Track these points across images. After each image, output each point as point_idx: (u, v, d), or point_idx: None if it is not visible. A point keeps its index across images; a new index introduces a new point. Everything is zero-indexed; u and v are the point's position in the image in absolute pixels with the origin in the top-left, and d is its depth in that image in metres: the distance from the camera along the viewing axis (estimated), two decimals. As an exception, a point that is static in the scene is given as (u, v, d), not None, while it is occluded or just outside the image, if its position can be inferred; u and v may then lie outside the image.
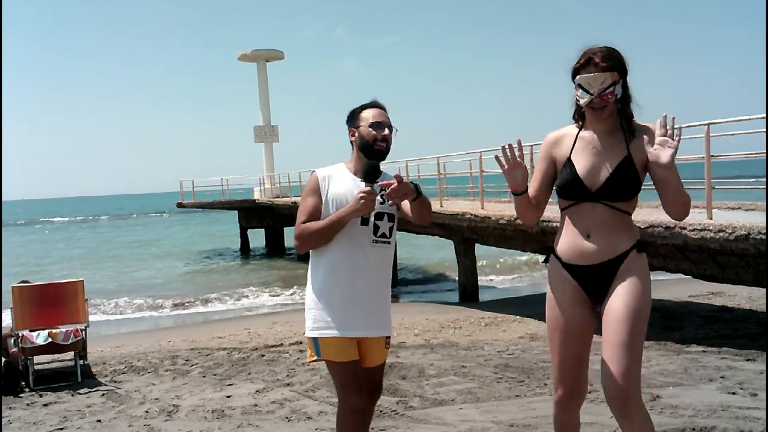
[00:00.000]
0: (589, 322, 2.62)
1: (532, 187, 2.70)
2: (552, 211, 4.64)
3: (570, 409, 2.70)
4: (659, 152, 2.37)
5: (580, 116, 2.63)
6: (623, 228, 2.54)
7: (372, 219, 2.87)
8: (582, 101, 2.51)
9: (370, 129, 2.93)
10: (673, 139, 2.36)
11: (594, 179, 2.52)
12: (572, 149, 2.59)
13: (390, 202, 2.83)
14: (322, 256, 2.90)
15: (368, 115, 2.96)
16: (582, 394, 2.69)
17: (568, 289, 2.62)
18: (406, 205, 2.93)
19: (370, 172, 2.84)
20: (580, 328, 2.61)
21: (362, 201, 2.75)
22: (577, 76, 2.51)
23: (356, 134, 2.96)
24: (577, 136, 2.61)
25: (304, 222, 2.86)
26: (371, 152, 2.93)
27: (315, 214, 2.87)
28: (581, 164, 2.54)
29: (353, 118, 3.00)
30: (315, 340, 2.88)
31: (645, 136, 2.45)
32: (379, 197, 2.82)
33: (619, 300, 2.48)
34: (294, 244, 2.89)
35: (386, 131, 2.93)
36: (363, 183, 2.83)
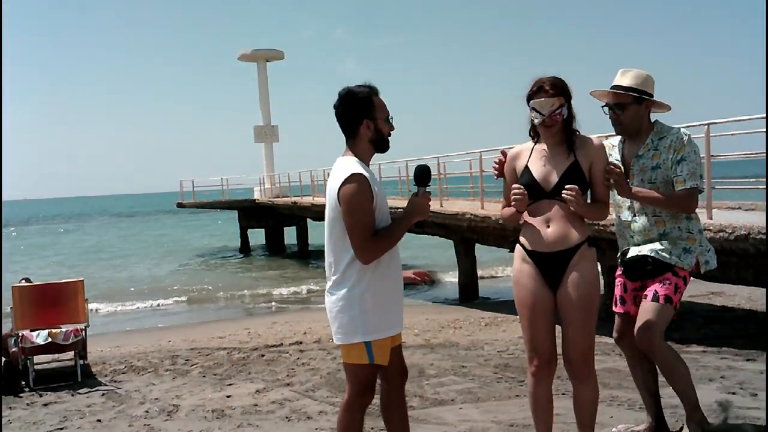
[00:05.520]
0: (551, 299, 3.09)
1: (507, 194, 3.23)
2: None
3: (546, 378, 3.14)
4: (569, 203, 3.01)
5: (534, 132, 3.18)
6: (576, 222, 3.06)
7: None
8: (536, 121, 3.08)
9: (387, 124, 2.85)
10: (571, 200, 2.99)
11: (548, 181, 3.07)
12: (529, 159, 3.16)
13: None
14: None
15: (381, 106, 2.84)
16: (555, 361, 3.15)
17: (533, 272, 3.10)
18: None
19: (425, 176, 2.86)
20: (545, 304, 3.09)
21: (428, 204, 2.83)
22: (531, 101, 3.06)
23: (372, 127, 2.81)
24: (533, 148, 3.18)
25: (371, 235, 2.71)
26: (384, 147, 2.89)
27: (374, 223, 2.74)
28: (536, 170, 3.10)
29: (367, 107, 2.80)
30: (369, 344, 2.79)
31: (589, 147, 3.09)
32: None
33: (575, 288, 3.01)
34: (364, 258, 2.72)
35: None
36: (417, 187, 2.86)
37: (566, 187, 2.98)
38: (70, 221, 72.02)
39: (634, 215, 3.50)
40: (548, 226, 3.06)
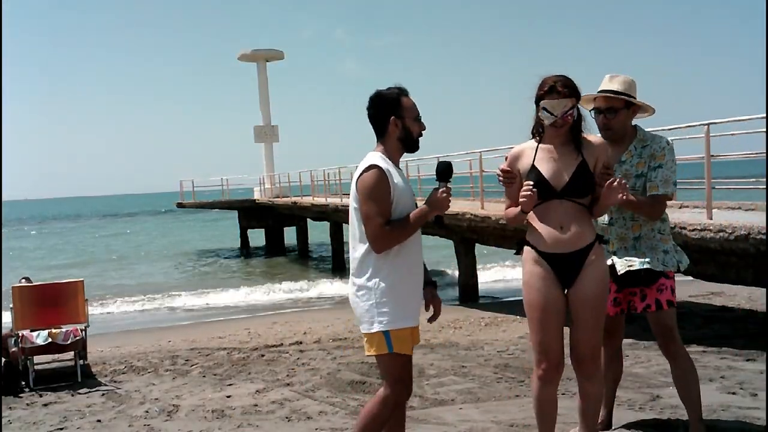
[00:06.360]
0: (563, 300, 3.09)
1: (510, 194, 3.20)
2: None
3: (552, 381, 3.12)
4: (609, 193, 2.94)
5: (538, 132, 3.13)
6: (587, 221, 3.07)
7: None
8: (547, 121, 3.03)
9: (416, 123, 2.92)
10: (618, 192, 2.92)
11: (558, 181, 3.03)
12: (534, 158, 3.09)
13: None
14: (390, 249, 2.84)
15: (410, 106, 2.91)
16: (562, 364, 3.14)
17: (545, 273, 3.07)
18: None
19: (446, 171, 2.89)
20: (557, 305, 3.07)
21: (446, 199, 2.85)
22: (542, 101, 3.01)
23: (399, 125, 2.89)
24: (537, 148, 3.11)
25: (383, 223, 2.78)
26: (413, 146, 2.95)
27: (389, 213, 2.81)
28: (545, 169, 3.05)
29: (395, 106, 2.89)
30: (387, 333, 2.84)
31: (594, 146, 3.07)
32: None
33: (589, 286, 3.03)
34: (375, 246, 2.80)
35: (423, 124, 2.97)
36: (438, 181, 2.89)
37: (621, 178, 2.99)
38: (65, 221, 71.93)
39: (611, 218, 3.52)
40: (561, 227, 3.02)
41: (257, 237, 28.32)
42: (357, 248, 2.90)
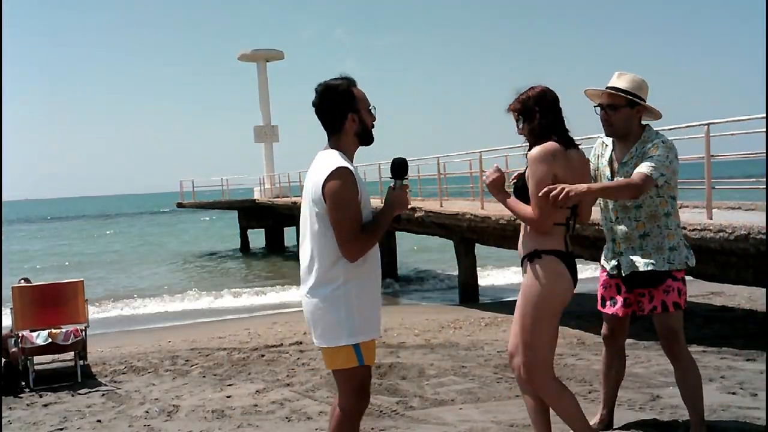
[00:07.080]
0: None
1: None
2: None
3: (517, 376, 3.25)
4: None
5: None
6: (528, 233, 3.15)
7: None
8: None
9: (369, 114, 2.74)
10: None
11: None
12: None
13: None
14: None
15: (363, 97, 2.72)
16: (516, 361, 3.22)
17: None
18: None
19: (402, 169, 2.75)
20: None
21: (406, 196, 2.74)
22: None
23: (357, 119, 2.69)
24: None
25: (358, 229, 2.60)
26: (369, 139, 2.78)
27: (362, 218, 2.63)
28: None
29: (350, 100, 2.68)
30: (357, 346, 2.66)
31: None
32: None
33: (518, 298, 3.17)
34: (351, 255, 2.60)
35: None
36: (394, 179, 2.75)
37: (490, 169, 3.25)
38: (65, 221, 71.94)
39: (617, 218, 3.53)
40: (522, 234, 3.23)
41: (257, 237, 28.31)
42: (321, 257, 2.65)
